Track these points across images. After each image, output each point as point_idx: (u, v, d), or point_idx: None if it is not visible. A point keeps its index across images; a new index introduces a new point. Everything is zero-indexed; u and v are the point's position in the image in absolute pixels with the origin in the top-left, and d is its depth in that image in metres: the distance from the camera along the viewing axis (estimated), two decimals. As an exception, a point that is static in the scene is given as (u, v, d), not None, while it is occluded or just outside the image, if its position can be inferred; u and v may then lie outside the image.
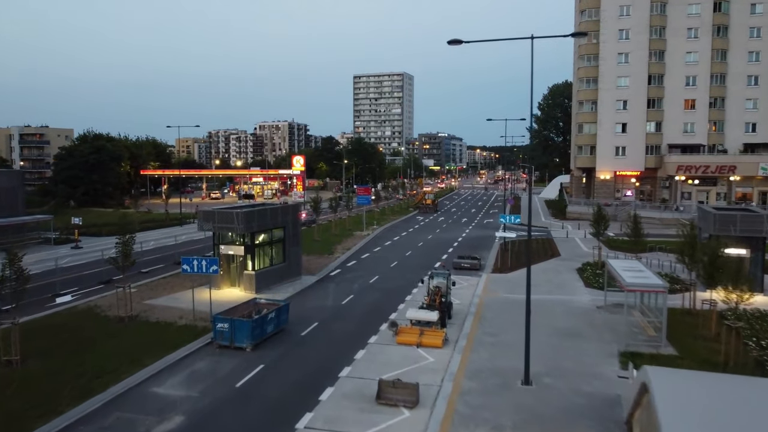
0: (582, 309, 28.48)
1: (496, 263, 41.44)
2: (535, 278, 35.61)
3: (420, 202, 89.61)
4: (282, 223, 33.34)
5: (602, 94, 75.16)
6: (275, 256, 33.31)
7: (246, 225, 29.88)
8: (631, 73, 73.73)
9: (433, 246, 51.06)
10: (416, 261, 43.15)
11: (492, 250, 48.27)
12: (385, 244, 52.04)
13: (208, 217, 30.66)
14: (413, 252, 47.48)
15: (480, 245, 51.64)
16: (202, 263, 24.59)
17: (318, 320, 26.66)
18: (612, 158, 75.31)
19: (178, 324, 25.21)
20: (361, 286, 34.34)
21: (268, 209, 32.03)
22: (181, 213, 61.77)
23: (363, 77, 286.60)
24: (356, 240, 53.25)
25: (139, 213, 77.97)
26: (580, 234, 58.68)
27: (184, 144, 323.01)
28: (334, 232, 56.87)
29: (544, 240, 53.46)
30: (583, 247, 49.40)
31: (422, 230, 63.24)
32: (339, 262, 41.88)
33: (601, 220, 39.15)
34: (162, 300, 29.62)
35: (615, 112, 74.74)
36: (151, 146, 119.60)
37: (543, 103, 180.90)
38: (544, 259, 43.47)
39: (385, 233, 59.77)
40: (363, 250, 47.98)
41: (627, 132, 74.58)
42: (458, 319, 26.68)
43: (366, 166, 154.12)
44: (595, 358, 21.33)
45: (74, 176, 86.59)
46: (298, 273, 35.18)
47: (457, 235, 59.34)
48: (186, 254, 43.68)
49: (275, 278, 32.79)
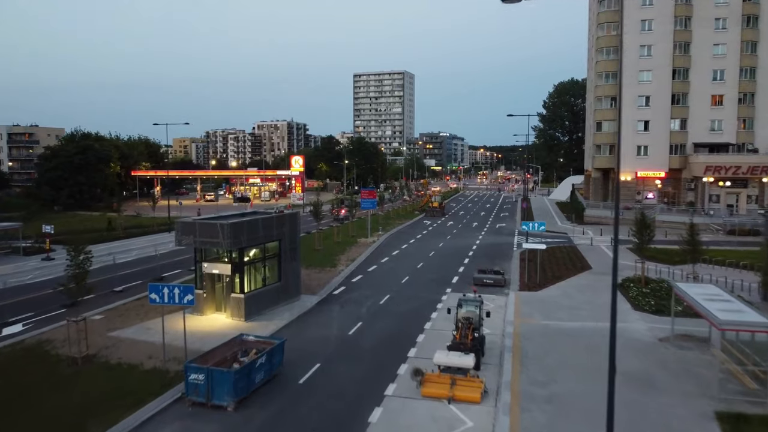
0: (642, 342, 23.36)
1: (522, 278, 36.34)
2: (574, 299, 30.59)
3: (426, 205, 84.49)
4: (277, 235, 28.22)
5: (623, 89, 70.02)
6: (269, 275, 28.19)
7: (233, 239, 24.76)
8: (654, 67, 68.63)
9: (447, 255, 45.97)
10: (430, 275, 38.05)
11: (512, 261, 43.19)
12: (393, 253, 46.94)
13: (188, 229, 25.52)
14: (425, 263, 42.38)
15: (498, 254, 46.58)
16: (174, 292, 19.45)
17: (320, 359, 21.55)
18: (633, 158, 70.14)
19: (145, 367, 20.08)
20: (370, 309, 29.23)
21: (260, 220, 26.87)
22: (170, 218, 56.75)
23: (363, 76, 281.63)
24: (361, 249, 48.16)
25: (126, 217, 72.93)
26: (605, 241, 53.64)
27: (182, 144, 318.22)
28: (336, 239, 51.76)
29: (568, 249, 48.37)
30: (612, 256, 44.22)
31: (432, 237, 58.14)
32: (343, 277, 36.77)
33: (645, 229, 33.89)
34: (131, 331, 24.48)
35: (637, 108, 69.64)
36: (144, 146, 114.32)
37: (548, 102, 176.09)
38: (575, 272, 38.35)
39: (391, 240, 54.67)
40: (369, 262, 42.87)
41: (649, 130, 69.49)
42: (493, 357, 21.60)
43: (367, 166, 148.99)
44: (686, 422, 16.22)
45: (59, 178, 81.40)
46: (296, 293, 30.06)
47: (470, 242, 54.26)
48: (172, 267, 38.79)
49: (269, 301, 27.69)
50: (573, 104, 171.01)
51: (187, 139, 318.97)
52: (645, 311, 28.10)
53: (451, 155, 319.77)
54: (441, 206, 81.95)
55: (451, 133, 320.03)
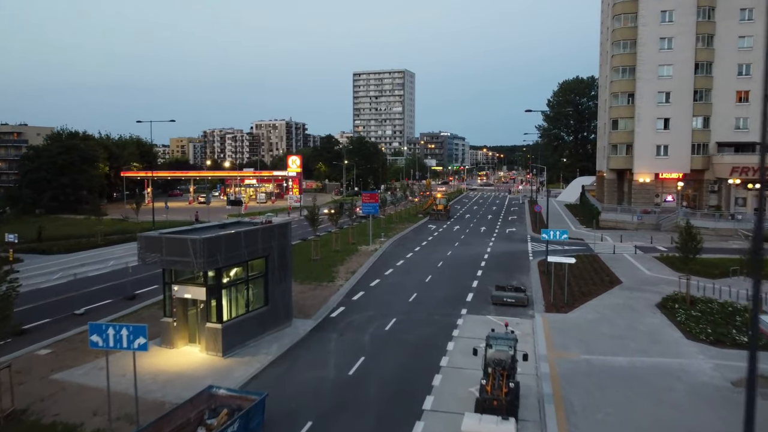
0: (712, 388, 18.82)
1: (546, 296, 31.83)
2: (614, 324, 25.70)
3: (431, 208, 79.88)
4: (263, 251, 23.69)
5: (641, 84, 65.58)
6: (254, 298, 23.65)
7: (207, 258, 20.24)
8: (675, 61, 64.14)
9: (457, 266, 41.47)
10: (441, 291, 33.53)
11: (531, 274, 38.72)
12: (397, 264, 42.42)
13: (152, 245, 20.98)
14: (434, 276, 37.85)
15: (513, 265, 42.12)
16: (122, 334, 14.86)
17: (313, 414, 17.03)
18: (652, 158, 65.73)
19: (86, 430, 15.56)
20: (374, 337, 24.71)
21: (241, 233, 22.31)
22: (154, 222, 52.27)
23: (363, 74, 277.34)
24: (362, 258, 43.66)
25: (112, 221, 68.48)
26: (628, 248, 49.27)
27: (179, 144, 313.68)
28: (335, 247, 47.22)
29: (590, 259, 43.89)
30: (642, 269, 39.80)
31: (438, 243, 53.64)
32: (342, 294, 32.23)
33: (691, 240, 29.28)
34: (81, 372, 19.94)
35: (656, 105, 65.17)
36: (135, 146, 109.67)
37: (553, 100, 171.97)
38: (604, 288, 33.82)
39: (395, 248, 50.16)
40: (371, 274, 38.34)
41: (670, 128, 65.02)
42: (529, 410, 17.11)
43: (367, 166, 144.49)
44: None
45: (41, 179, 76.73)
46: (287, 317, 25.54)
47: (480, 250, 49.76)
48: (148, 282, 34.02)
49: (253, 329, 23.17)
50: (578, 103, 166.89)
51: (184, 138, 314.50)
52: (701, 341, 23.56)
53: (452, 155, 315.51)
54: (446, 209, 77.41)
55: (452, 133, 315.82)
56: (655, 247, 50.91)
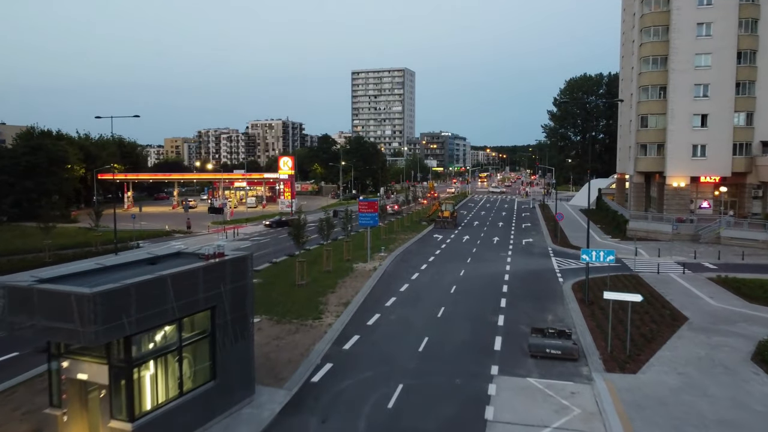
0: None
1: (598, 341, 24.14)
2: (711, 397, 17.17)
3: (435, 214, 72.15)
4: (208, 300, 15.94)
5: (675, 76, 57.89)
6: (191, 373, 15.92)
7: (104, 324, 12.55)
8: (714, 49, 56.47)
9: (473, 292, 33.79)
10: (459, 332, 25.82)
11: (567, 303, 31.12)
12: (401, 289, 34.72)
13: (22, 302, 13.24)
14: (447, 308, 30.13)
15: (541, 290, 34.52)
16: None
17: None
18: (687, 159, 58.06)
19: None
20: (372, 425, 16.99)
21: (167, 278, 14.50)
22: (116, 234, 44.53)
23: (362, 73, 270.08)
24: (358, 281, 36.00)
25: (78, 231, 60.95)
26: (671, 266, 41.92)
27: (174, 144, 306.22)
28: (326, 267, 39.48)
29: (633, 281, 36.33)
30: (703, 296, 32.18)
31: (447, 259, 46.01)
32: (330, 340, 24.47)
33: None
34: None
35: (692, 99, 57.50)
36: (115, 146, 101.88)
37: (559, 98, 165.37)
38: (670, 328, 26.11)
39: (397, 266, 42.54)
40: (369, 305, 30.65)
41: (708, 126, 57.34)
42: None
43: (366, 167, 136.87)
44: None
45: (2, 183, 68.96)
46: (246, 391, 17.81)
47: (498, 268, 42.17)
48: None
49: (191, 419, 15.46)
50: (585, 101, 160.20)
51: (179, 139, 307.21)
52: None
53: (453, 156, 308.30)
54: (453, 216, 69.70)
55: (453, 133, 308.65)
56: (701, 264, 43.41)
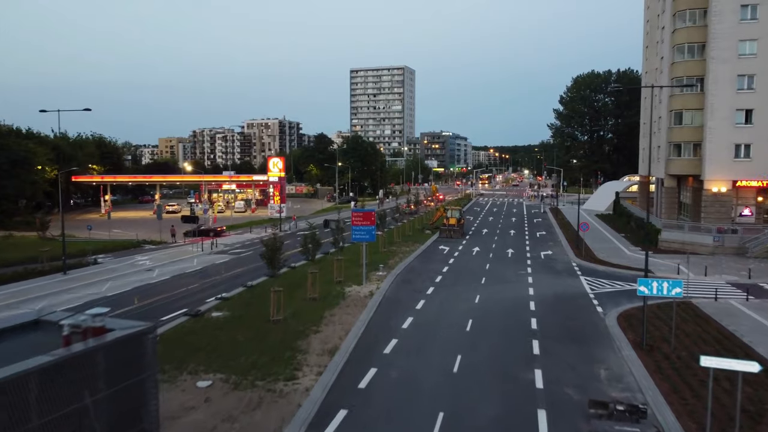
0: None
1: (684, 421, 16.99)
2: None
3: (440, 222, 64.92)
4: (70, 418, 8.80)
5: (714, 66, 50.79)
6: None
7: None
8: (761, 35, 49.42)
9: (495, 332, 26.59)
10: (484, 404, 18.57)
11: (615, 344, 23.96)
12: (403, 326, 27.49)
13: None
14: (464, 359, 22.85)
15: (579, 326, 27.28)
16: None
17: None
18: (729, 161, 50.97)
19: None
20: None
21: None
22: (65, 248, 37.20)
23: (361, 71, 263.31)
24: (349, 314, 28.80)
25: (39, 241, 53.96)
26: (725, 287, 34.98)
27: (168, 144, 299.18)
28: (311, 293, 32.13)
29: (688, 311, 29.24)
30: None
31: (457, 278, 38.90)
32: (305, 421, 17.12)
33: None
34: None
35: (735, 92, 50.43)
36: (94, 146, 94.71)
37: (565, 96, 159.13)
38: (764, 388, 19.02)
39: (399, 289, 35.37)
40: (362, 354, 23.38)
41: (753, 122, 50.30)
42: None
43: (364, 168, 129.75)
44: None
45: (-43, 187, 62.00)
46: None
47: (519, 291, 35.01)
48: None
49: None
50: (594, 100, 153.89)
51: (173, 138, 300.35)
52: None
53: (454, 156, 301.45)
54: (460, 223, 62.53)
55: (453, 133, 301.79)
56: (761, 286, 36.41)
